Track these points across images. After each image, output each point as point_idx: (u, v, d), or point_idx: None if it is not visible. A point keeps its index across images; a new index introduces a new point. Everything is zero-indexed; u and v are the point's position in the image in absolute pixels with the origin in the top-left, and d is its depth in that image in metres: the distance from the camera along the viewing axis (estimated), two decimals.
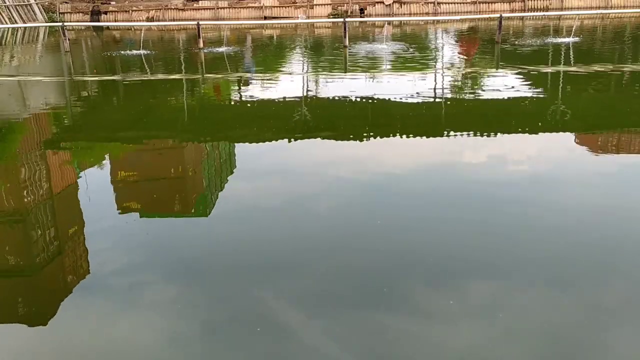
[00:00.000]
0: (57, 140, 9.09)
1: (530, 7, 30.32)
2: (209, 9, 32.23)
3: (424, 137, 8.04)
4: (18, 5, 31.16)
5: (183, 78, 14.56)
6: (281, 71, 15.57)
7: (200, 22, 19.24)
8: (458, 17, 26.66)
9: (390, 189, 6.05)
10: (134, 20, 31.08)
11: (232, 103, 11.60)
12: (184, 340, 3.54)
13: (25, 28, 28.60)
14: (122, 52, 20.27)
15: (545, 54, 16.00)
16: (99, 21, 31.81)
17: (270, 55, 19.60)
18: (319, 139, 8.16)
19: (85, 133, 9.53)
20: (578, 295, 3.95)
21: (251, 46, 21.74)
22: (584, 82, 12.21)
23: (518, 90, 11.21)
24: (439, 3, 30.80)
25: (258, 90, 12.62)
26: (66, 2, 33.54)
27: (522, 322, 3.63)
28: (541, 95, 10.78)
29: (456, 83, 12.58)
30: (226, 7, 32.25)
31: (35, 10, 32.39)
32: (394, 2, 30.96)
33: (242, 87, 12.86)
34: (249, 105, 11.09)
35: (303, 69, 15.65)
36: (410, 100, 10.47)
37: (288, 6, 32.04)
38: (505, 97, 10.66)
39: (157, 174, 7.31)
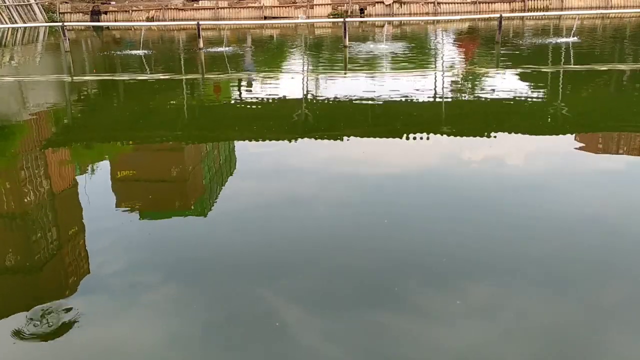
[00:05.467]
0: (57, 140, 9.09)
1: (530, 7, 30.33)
2: (209, 9, 32.24)
3: (424, 137, 8.03)
4: (18, 5, 31.16)
5: (183, 78, 14.56)
6: (281, 71, 15.57)
7: (200, 22, 19.24)
8: (458, 17, 26.67)
9: (390, 189, 6.05)
10: (134, 20, 31.09)
11: (232, 103, 11.60)
12: (183, 340, 3.54)
13: (25, 28, 28.60)
14: (122, 52, 20.27)
15: (545, 53, 16.00)
16: (99, 21, 31.81)
17: (270, 55, 19.60)
18: (319, 139, 8.16)
19: (85, 133, 9.53)
20: (579, 296, 3.95)
21: (251, 46, 21.74)
22: (584, 81, 12.21)
23: (518, 90, 11.21)
24: (439, 3, 30.80)
25: (258, 90, 12.63)
26: (66, 2, 33.54)
27: (523, 322, 3.63)
28: (541, 95, 10.78)
29: (456, 83, 12.58)
30: (226, 7, 32.25)
31: (35, 10, 32.40)
32: (394, 2, 30.96)
33: (245, 88, 12.86)
34: (249, 105, 11.09)
35: (303, 69, 15.65)
36: (410, 100, 10.47)
37: (288, 6, 32.05)
38: (505, 97, 10.66)
39: (157, 174, 7.31)
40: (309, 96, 11.54)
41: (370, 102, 10.41)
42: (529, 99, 10.40)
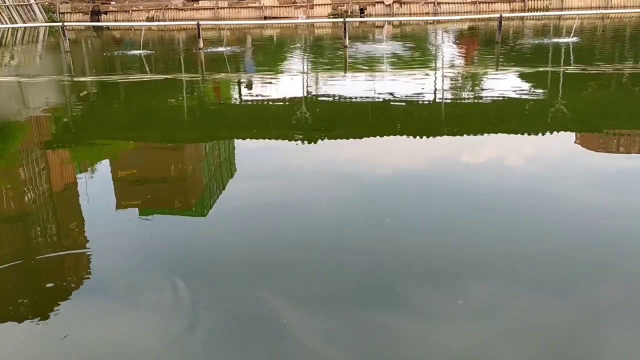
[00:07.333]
0: (57, 140, 9.09)
1: (530, 7, 30.31)
2: (209, 9, 32.21)
3: (424, 137, 8.03)
4: (18, 5, 31.15)
5: (183, 78, 14.56)
6: (281, 71, 15.57)
7: (200, 22, 19.23)
8: (458, 17, 26.64)
9: (391, 189, 6.05)
10: (134, 20, 31.06)
11: (232, 103, 11.60)
12: (183, 340, 3.54)
13: (25, 28, 28.58)
14: (122, 52, 20.27)
15: (545, 54, 15.99)
16: (99, 21, 31.79)
17: (270, 55, 19.59)
18: (318, 138, 8.16)
19: (85, 133, 9.53)
20: (579, 296, 3.95)
21: (251, 46, 21.74)
22: (584, 82, 12.21)
23: (518, 90, 11.20)
24: (439, 3, 30.78)
25: (258, 90, 12.62)
26: (66, 2, 33.53)
27: (524, 322, 3.62)
28: (541, 96, 10.78)
29: (456, 83, 12.57)
30: (226, 7, 32.24)
31: (35, 10, 32.38)
32: (394, 2, 30.96)
33: (244, 88, 12.86)
34: (248, 105, 11.09)
35: (303, 69, 15.64)
36: (410, 100, 10.47)
37: (288, 6, 32.03)
38: (505, 97, 10.66)
39: (157, 173, 7.31)
40: (309, 96, 11.54)
41: (369, 102, 10.41)
42: (529, 99, 10.39)
